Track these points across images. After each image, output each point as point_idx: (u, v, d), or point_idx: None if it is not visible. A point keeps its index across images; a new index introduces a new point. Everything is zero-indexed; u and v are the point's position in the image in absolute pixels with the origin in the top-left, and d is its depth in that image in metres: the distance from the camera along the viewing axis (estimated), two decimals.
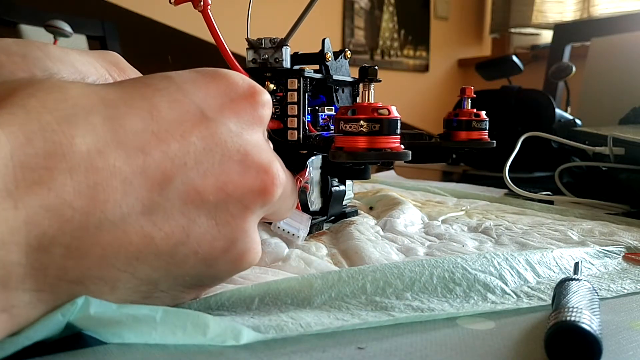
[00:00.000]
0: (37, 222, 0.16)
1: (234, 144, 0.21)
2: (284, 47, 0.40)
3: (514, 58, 1.08)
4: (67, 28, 0.84)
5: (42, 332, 0.18)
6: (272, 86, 0.39)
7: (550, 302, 0.26)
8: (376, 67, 0.36)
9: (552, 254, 0.32)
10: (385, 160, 0.35)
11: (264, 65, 0.40)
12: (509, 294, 0.27)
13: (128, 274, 0.19)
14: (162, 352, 0.20)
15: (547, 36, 2.28)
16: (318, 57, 0.42)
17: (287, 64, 0.40)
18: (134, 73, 0.27)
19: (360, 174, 0.40)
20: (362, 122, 0.33)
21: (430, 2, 2.61)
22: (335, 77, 0.43)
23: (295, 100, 0.39)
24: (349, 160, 0.34)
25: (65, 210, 0.17)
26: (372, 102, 0.35)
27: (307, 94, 0.40)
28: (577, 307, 0.20)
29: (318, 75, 0.41)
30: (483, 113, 0.49)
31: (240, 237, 0.22)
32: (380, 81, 0.36)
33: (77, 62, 0.24)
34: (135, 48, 1.39)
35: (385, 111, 0.34)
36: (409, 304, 0.25)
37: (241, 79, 0.23)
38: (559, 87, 1.32)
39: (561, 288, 0.24)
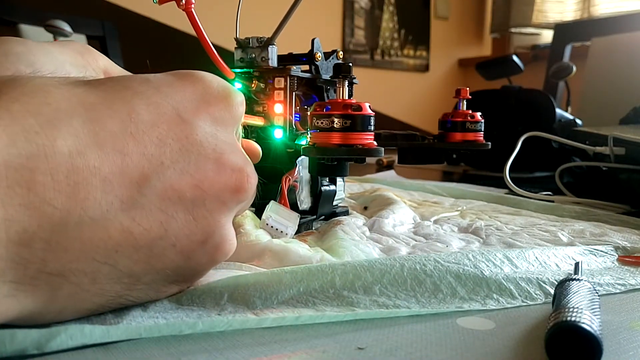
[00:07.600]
0: (17, 219, 0.17)
1: (209, 144, 0.23)
2: (271, 46, 0.39)
3: (514, 58, 1.08)
4: (67, 28, 0.84)
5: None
6: (260, 85, 0.39)
7: (521, 299, 0.27)
8: (350, 64, 0.36)
9: (533, 250, 0.32)
10: (357, 157, 0.35)
11: (251, 64, 0.40)
12: (479, 287, 0.27)
13: (108, 266, 0.20)
14: (162, 352, 0.20)
15: (547, 36, 2.28)
16: (307, 57, 0.42)
17: (273, 62, 0.40)
18: (104, 59, 0.29)
19: (336, 171, 0.39)
20: (334, 118, 0.34)
21: (431, 2, 2.61)
22: (324, 76, 0.43)
23: (282, 98, 0.39)
24: (319, 156, 0.34)
25: (46, 208, 0.18)
26: (347, 98, 0.35)
27: (294, 93, 0.40)
28: (577, 307, 0.20)
29: (305, 75, 0.41)
30: (478, 114, 0.49)
31: (217, 230, 0.23)
32: (353, 78, 0.36)
33: (57, 54, 0.25)
34: (135, 48, 1.39)
35: (357, 108, 0.34)
36: (375, 300, 0.25)
37: (216, 82, 0.24)
38: (559, 87, 1.32)
39: (562, 288, 0.24)
